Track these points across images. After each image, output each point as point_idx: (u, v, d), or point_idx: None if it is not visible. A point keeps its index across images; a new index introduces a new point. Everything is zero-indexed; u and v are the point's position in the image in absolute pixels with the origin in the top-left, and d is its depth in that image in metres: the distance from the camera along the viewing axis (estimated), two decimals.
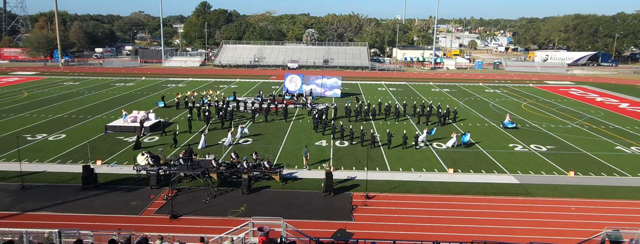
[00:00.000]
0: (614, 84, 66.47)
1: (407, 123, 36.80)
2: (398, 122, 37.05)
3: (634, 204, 20.39)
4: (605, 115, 41.69)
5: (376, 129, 33.93)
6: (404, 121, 37.52)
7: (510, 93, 55.59)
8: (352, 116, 37.58)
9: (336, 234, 17.08)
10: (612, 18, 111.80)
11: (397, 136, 30.42)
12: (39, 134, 31.42)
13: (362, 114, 38.11)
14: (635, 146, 30.42)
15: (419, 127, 34.96)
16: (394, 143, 29.29)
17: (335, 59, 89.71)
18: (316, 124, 33.70)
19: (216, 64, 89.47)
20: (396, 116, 38.03)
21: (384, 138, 30.42)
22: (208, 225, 17.68)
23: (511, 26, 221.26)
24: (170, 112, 40.24)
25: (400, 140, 29.47)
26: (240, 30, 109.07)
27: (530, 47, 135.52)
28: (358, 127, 32.08)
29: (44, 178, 22.63)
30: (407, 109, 40.40)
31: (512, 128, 34.91)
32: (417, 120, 37.29)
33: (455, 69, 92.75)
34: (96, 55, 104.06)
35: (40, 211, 18.73)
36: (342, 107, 40.75)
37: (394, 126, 35.36)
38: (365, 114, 38.50)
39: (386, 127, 34.42)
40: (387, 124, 36.21)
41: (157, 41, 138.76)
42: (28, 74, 69.86)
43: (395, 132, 30.74)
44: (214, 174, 22.34)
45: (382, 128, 34.22)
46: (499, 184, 22.71)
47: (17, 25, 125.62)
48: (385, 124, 36.22)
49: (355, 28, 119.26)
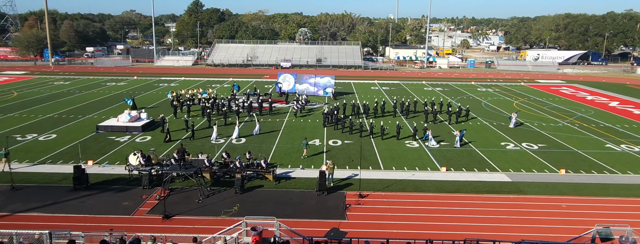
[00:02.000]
0: (604, 83, 67.19)
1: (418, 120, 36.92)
2: (408, 119, 37.19)
3: (623, 201, 20.63)
4: (596, 113, 42.12)
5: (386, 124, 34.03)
6: (414, 118, 37.72)
7: (502, 92, 55.97)
8: (367, 113, 39.00)
9: (330, 234, 17.09)
10: (602, 17, 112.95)
11: (391, 128, 31.02)
12: (29, 135, 31.09)
13: (379, 111, 39.26)
14: (625, 144, 30.77)
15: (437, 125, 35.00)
16: (401, 136, 29.38)
17: (328, 58, 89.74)
18: (325, 121, 34.75)
19: (209, 63, 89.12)
20: (406, 112, 39.61)
21: (393, 130, 31.76)
22: (201, 225, 17.60)
23: (503, 25, 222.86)
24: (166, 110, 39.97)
25: (394, 132, 30.79)
26: (232, 30, 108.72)
27: (522, 46, 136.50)
28: (378, 123, 33.06)
29: (35, 179, 22.39)
30: (418, 106, 41.44)
31: (514, 126, 35.07)
32: (432, 117, 37.30)
33: (447, 68, 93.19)
34: (87, 55, 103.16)
35: (30, 212, 18.52)
36: (350, 105, 41.17)
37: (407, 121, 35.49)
38: (374, 111, 39.36)
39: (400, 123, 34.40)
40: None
41: (149, 40, 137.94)
42: (18, 74, 69.08)
43: (389, 127, 31.16)
44: (207, 174, 22.25)
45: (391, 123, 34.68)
46: (491, 183, 22.86)
47: (6, 24, 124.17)
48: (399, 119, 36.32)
49: (348, 27, 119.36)
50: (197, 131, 31.82)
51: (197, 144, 28.86)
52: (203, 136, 31.31)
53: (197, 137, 30.61)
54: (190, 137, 30.57)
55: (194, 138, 30.46)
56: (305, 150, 26.65)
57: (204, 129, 33.06)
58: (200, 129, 33.00)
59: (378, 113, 39.10)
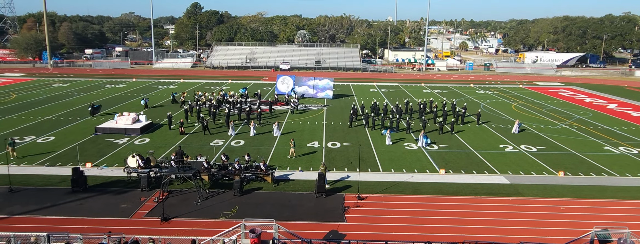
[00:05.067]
0: (602, 85, 67.35)
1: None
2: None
3: (622, 203, 20.66)
4: (594, 116, 42.21)
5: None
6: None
7: (501, 94, 56.07)
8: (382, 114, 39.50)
9: (328, 236, 17.07)
10: (600, 20, 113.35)
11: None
12: (27, 137, 31.03)
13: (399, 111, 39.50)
14: (623, 146, 30.83)
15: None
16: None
17: (327, 61, 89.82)
18: (351, 120, 36.21)
19: (208, 65, 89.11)
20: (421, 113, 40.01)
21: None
22: (199, 227, 17.56)
23: (501, 28, 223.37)
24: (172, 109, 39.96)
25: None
26: (231, 32, 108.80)
27: (520, 49, 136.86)
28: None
29: (33, 181, 22.34)
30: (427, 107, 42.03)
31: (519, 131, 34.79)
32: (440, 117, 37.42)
33: (446, 70, 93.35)
34: (86, 57, 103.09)
35: (28, 215, 18.48)
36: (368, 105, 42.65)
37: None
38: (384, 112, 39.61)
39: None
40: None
41: (148, 42, 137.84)
42: (16, 76, 68.98)
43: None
44: (206, 176, 22.22)
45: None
46: (489, 185, 22.87)
47: (4, 26, 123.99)
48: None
49: (347, 29, 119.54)
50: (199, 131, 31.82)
51: (196, 146, 28.84)
52: (202, 136, 31.32)
53: (204, 136, 30.63)
54: (205, 130, 32.39)
55: (211, 133, 32.23)
56: (292, 149, 26.93)
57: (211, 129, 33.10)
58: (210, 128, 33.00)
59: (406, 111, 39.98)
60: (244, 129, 33.87)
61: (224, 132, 32.82)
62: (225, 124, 34.75)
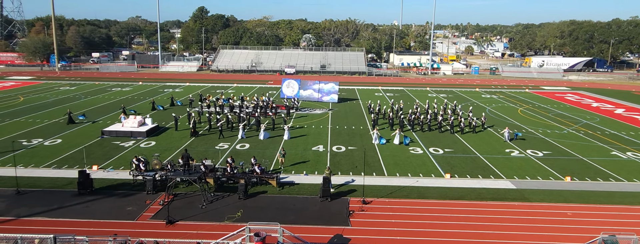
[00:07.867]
0: (610, 90, 66.89)
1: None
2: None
3: (630, 209, 20.46)
4: (601, 120, 41.90)
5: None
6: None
7: (507, 98, 55.83)
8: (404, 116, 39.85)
9: (333, 240, 17.04)
10: (608, 24, 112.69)
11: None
12: (34, 139, 31.29)
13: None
14: (630, 152, 30.57)
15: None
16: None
17: (332, 65, 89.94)
18: (375, 122, 36.63)
19: (213, 69, 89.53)
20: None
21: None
22: (204, 230, 17.60)
23: (507, 32, 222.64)
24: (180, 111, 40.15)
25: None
26: (237, 36, 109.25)
27: (526, 53, 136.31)
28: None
29: (40, 183, 22.50)
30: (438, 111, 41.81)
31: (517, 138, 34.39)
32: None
33: (451, 74, 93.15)
34: (93, 60, 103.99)
35: (35, 217, 18.61)
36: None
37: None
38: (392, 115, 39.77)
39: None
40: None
41: (154, 46, 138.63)
42: (24, 79, 69.65)
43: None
44: (211, 179, 22.29)
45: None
46: (495, 190, 22.74)
47: (13, 30, 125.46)
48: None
49: (352, 33, 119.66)
50: (207, 134, 31.92)
51: (201, 150, 28.93)
52: (207, 139, 31.43)
53: (210, 139, 30.73)
54: (220, 132, 32.77)
55: (223, 136, 32.53)
56: (282, 159, 26.21)
57: (210, 134, 33.22)
58: (207, 133, 33.10)
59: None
60: (249, 133, 33.92)
61: (230, 137, 32.92)
62: (231, 128, 34.80)
